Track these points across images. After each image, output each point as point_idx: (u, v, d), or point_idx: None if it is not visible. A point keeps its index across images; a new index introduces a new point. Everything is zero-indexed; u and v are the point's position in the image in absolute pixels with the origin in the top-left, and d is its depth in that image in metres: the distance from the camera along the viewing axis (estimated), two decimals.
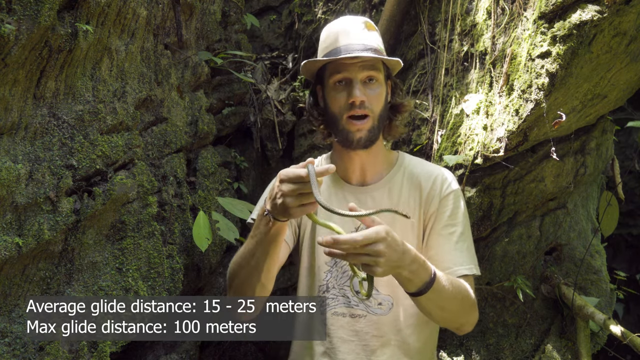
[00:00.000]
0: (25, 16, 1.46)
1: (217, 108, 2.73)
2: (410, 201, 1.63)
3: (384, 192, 1.65)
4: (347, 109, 1.56)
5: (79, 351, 1.69)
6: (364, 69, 1.55)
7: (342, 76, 1.56)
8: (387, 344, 1.58)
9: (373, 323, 1.59)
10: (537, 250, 2.49)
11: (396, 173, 1.69)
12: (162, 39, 2.20)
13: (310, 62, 1.62)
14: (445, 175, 1.67)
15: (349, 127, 1.57)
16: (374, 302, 1.60)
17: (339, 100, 1.57)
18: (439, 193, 1.62)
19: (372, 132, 1.58)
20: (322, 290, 1.66)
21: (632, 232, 4.22)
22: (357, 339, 1.59)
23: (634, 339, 2.01)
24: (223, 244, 2.42)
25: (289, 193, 1.22)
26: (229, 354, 2.60)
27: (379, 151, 1.69)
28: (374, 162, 1.68)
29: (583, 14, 1.86)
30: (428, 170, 1.69)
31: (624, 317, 4.05)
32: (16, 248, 1.52)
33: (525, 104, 2.07)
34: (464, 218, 1.63)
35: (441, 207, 1.61)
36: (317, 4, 3.40)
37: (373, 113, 1.58)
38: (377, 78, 1.58)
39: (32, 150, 1.61)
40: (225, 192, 2.57)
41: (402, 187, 1.65)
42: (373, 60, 1.57)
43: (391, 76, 1.69)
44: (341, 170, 1.71)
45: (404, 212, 1.31)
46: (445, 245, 1.57)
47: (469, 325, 1.56)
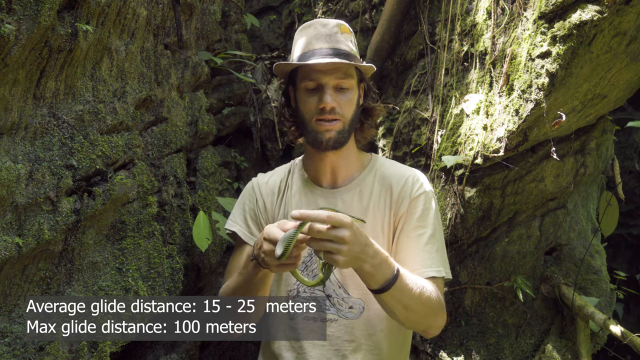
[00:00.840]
0: (25, 16, 1.46)
1: (217, 108, 2.73)
2: (380, 202, 1.62)
3: (354, 194, 1.64)
4: (317, 112, 1.56)
5: (79, 351, 1.69)
6: (335, 74, 1.55)
7: (313, 83, 1.56)
8: (359, 348, 1.56)
9: (344, 327, 1.57)
10: (537, 250, 2.49)
11: (367, 175, 1.67)
12: (162, 39, 2.20)
13: (282, 64, 1.62)
14: (417, 177, 1.64)
15: (318, 127, 1.56)
16: (345, 306, 1.59)
17: (310, 104, 1.57)
18: (410, 194, 1.60)
19: (342, 134, 1.58)
20: (291, 295, 1.65)
21: (632, 232, 4.22)
22: (329, 343, 1.57)
23: (634, 339, 2.01)
24: (223, 244, 2.42)
25: (268, 252, 1.30)
26: (229, 354, 2.60)
27: (350, 153, 1.68)
28: (345, 165, 1.67)
29: (583, 14, 1.86)
30: (400, 172, 1.67)
31: (624, 317, 4.05)
32: (16, 248, 1.52)
33: (525, 104, 2.07)
34: (435, 220, 1.60)
35: (411, 208, 1.59)
36: (317, 4, 3.40)
37: (344, 117, 1.57)
38: (349, 84, 1.57)
39: (32, 150, 1.61)
40: (225, 192, 2.57)
41: (372, 189, 1.64)
42: (345, 66, 1.56)
43: (364, 79, 1.68)
44: (312, 172, 1.70)
45: (361, 217, 1.38)
46: (414, 247, 1.55)
47: (435, 328, 1.53)
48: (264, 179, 1.78)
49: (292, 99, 1.67)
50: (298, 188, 1.71)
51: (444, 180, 2.45)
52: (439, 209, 1.68)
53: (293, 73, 1.65)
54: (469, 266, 2.49)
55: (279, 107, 1.73)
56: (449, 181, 2.42)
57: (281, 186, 1.74)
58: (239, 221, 1.72)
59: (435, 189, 2.47)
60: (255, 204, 1.72)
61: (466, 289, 2.49)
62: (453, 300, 2.51)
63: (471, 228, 2.39)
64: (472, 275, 2.48)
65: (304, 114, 1.59)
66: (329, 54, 1.54)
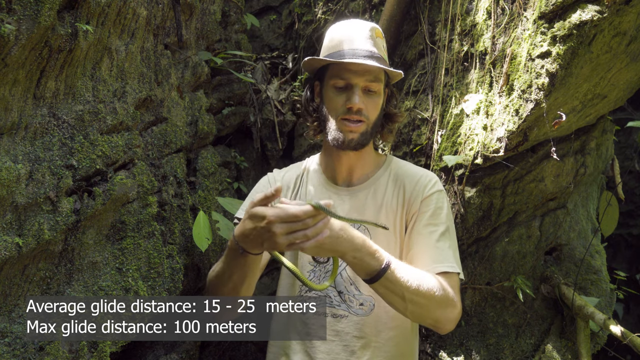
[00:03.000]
0: (25, 16, 1.46)
1: (217, 108, 2.73)
2: (393, 201, 1.63)
3: (368, 192, 1.66)
4: (343, 112, 1.56)
5: (79, 351, 1.69)
6: (366, 77, 1.55)
7: (343, 82, 1.56)
8: (368, 345, 1.57)
9: (354, 324, 1.58)
10: (537, 250, 2.49)
11: (382, 174, 1.69)
12: (162, 39, 2.20)
13: (314, 60, 1.62)
14: (430, 177, 1.67)
15: (342, 127, 1.57)
16: (356, 303, 1.60)
17: (337, 102, 1.57)
18: (422, 193, 1.61)
19: (365, 136, 1.59)
20: (303, 290, 1.66)
21: (632, 232, 4.22)
22: (338, 339, 1.58)
23: (634, 339, 2.01)
24: (223, 244, 2.42)
25: (282, 232, 1.21)
26: (229, 354, 2.60)
27: (368, 154, 1.69)
28: (362, 164, 1.68)
29: (583, 14, 1.86)
30: (413, 172, 1.69)
31: (624, 317, 4.05)
32: (16, 248, 1.52)
33: (525, 104, 2.07)
34: (447, 219, 1.61)
35: (423, 206, 1.60)
36: (317, 4, 3.40)
37: (368, 120, 1.58)
38: (378, 87, 1.58)
39: (32, 150, 1.61)
40: (225, 192, 2.57)
41: (386, 188, 1.66)
42: (377, 70, 1.56)
43: (389, 85, 1.69)
44: (329, 170, 1.71)
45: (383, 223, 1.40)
46: (425, 244, 1.56)
47: (446, 322, 1.50)
48: (280, 174, 1.79)
49: (317, 93, 1.68)
50: (313, 185, 1.71)
51: (444, 180, 2.45)
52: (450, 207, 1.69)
53: (322, 69, 1.65)
54: (469, 266, 2.49)
55: (304, 101, 1.72)
56: (449, 181, 2.42)
57: (297, 182, 1.75)
58: None
59: None
60: None
61: (466, 289, 2.49)
62: None
63: (471, 228, 2.39)
64: (472, 275, 2.48)
65: (330, 110, 1.60)
66: (364, 56, 1.55)
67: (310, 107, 1.69)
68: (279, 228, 1.21)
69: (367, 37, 1.58)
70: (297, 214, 1.20)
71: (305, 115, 1.73)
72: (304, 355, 1.61)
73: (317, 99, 1.68)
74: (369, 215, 1.62)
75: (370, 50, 1.57)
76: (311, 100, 1.70)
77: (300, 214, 1.20)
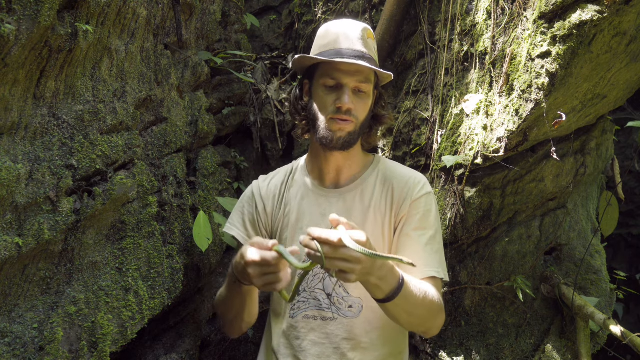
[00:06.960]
0: (25, 16, 1.46)
1: (217, 108, 2.73)
2: (381, 203, 1.62)
3: (356, 194, 1.65)
4: (333, 111, 1.55)
5: (79, 351, 1.68)
6: (357, 77, 1.54)
7: (333, 81, 1.55)
8: (358, 346, 1.57)
9: (344, 326, 1.58)
10: (537, 250, 2.49)
11: (370, 175, 1.68)
12: (162, 39, 2.20)
13: (305, 58, 1.61)
14: (419, 179, 1.65)
15: (331, 125, 1.56)
16: (345, 305, 1.59)
17: (326, 101, 1.57)
18: (411, 195, 1.60)
19: (352, 135, 1.58)
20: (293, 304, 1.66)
21: (632, 232, 4.22)
22: (328, 341, 1.58)
23: (634, 339, 2.01)
24: (223, 244, 2.42)
25: (256, 275, 1.31)
26: (229, 354, 2.60)
27: (356, 155, 1.68)
28: (349, 165, 1.67)
29: (583, 14, 1.86)
30: (402, 173, 1.68)
31: (624, 317, 4.05)
32: (16, 248, 1.52)
33: (525, 104, 2.07)
34: (436, 222, 1.61)
35: (412, 209, 1.59)
36: (317, 4, 3.40)
37: (357, 120, 1.57)
38: (367, 88, 1.58)
39: (32, 150, 1.61)
40: (225, 192, 2.57)
41: (374, 189, 1.65)
42: (367, 70, 1.56)
43: (378, 86, 1.68)
44: (316, 171, 1.70)
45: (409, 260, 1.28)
46: (414, 247, 1.55)
47: (435, 329, 1.54)
48: (265, 182, 1.78)
49: (306, 92, 1.67)
50: (299, 188, 1.71)
51: (444, 180, 2.45)
52: (438, 209, 1.68)
53: (312, 67, 1.64)
54: (469, 266, 2.49)
55: (292, 99, 1.71)
56: (449, 181, 2.42)
57: (282, 188, 1.74)
58: (237, 225, 1.73)
59: (435, 189, 2.47)
60: (254, 209, 1.72)
61: (466, 289, 2.49)
62: (453, 300, 2.51)
63: (471, 228, 2.39)
64: (472, 275, 2.48)
65: (319, 109, 1.59)
66: (355, 56, 1.54)
67: (299, 105, 1.69)
68: (253, 270, 1.31)
69: (358, 37, 1.58)
70: (268, 260, 1.28)
71: (293, 113, 1.72)
72: (294, 358, 1.61)
73: (305, 97, 1.67)
74: (356, 217, 1.61)
75: (362, 50, 1.56)
76: (300, 98, 1.69)
77: (270, 260, 1.28)
